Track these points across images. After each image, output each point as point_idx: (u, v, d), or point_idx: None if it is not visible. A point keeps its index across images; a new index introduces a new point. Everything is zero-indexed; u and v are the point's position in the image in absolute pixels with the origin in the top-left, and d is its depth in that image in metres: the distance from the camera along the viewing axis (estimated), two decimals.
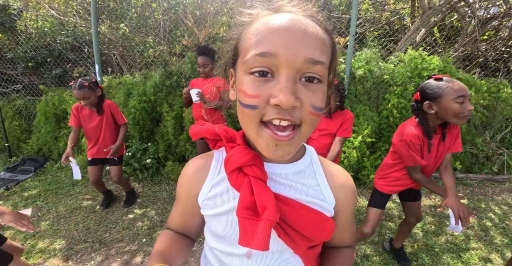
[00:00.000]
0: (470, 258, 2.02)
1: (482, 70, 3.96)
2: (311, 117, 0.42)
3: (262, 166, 0.51)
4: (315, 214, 0.53)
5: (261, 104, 0.41)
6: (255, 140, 0.45)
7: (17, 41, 3.96)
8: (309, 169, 0.57)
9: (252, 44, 0.42)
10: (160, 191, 2.90)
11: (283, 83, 0.39)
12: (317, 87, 0.42)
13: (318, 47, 0.41)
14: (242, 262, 0.56)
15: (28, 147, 3.81)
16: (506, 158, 3.31)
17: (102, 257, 1.97)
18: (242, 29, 0.47)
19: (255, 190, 0.48)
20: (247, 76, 0.43)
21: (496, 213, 2.62)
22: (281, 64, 0.40)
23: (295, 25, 0.40)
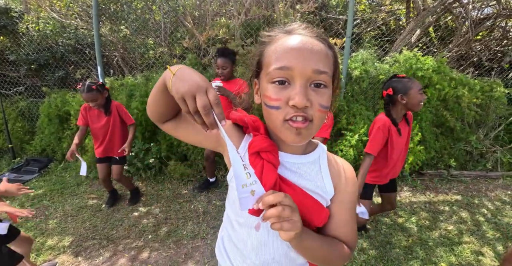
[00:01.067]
0: (462, 251, 2.11)
1: (476, 70, 4.05)
2: (319, 113, 0.55)
3: (276, 153, 0.62)
4: (311, 200, 0.62)
5: (282, 105, 0.54)
6: (280, 132, 0.57)
7: (19, 43, 4.01)
8: (316, 162, 0.67)
9: (272, 60, 0.56)
10: (163, 189, 2.97)
11: (297, 89, 0.53)
12: (323, 91, 0.55)
13: (322, 60, 0.54)
14: (250, 233, 0.67)
15: (31, 148, 3.88)
16: (500, 155, 3.40)
17: (110, 253, 2.05)
18: (263, 47, 0.60)
19: (264, 171, 0.58)
20: (269, 85, 0.56)
21: (489, 208, 2.71)
22: (295, 75, 0.53)
23: (304, 45, 0.54)
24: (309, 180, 0.64)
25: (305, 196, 0.61)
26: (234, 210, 0.71)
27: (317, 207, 0.62)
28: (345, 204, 0.67)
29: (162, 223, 2.40)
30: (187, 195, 2.87)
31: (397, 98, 1.68)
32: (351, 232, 0.68)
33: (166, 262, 1.97)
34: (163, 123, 0.66)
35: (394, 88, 1.70)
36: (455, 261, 2.00)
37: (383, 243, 2.17)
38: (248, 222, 0.67)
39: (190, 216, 2.50)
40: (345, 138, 2.91)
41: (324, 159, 0.68)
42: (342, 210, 0.67)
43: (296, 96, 0.52)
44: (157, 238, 2.21)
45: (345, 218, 0.67)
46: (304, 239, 0.56)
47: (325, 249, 0.62)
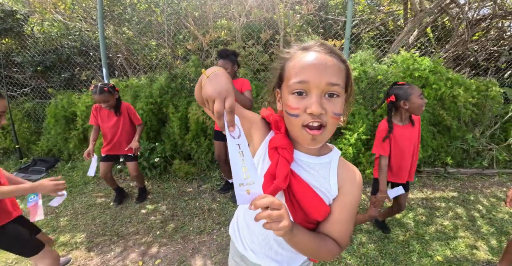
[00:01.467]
0: (457, 245, 2.20)
1: (472, 70, 4.14)
2: (332, 120, 0.65)
3: (291, 151, 0.72)
4: (315, 195, 0.70)
5: (301, 113, 0.64)
6: (298, 136, 0.68)
7: (25, 45, 4.09)
8: (327, 165, 0.76)
9: (292, 75, 0.66)
10: (169, 188, 3.07)
11: (313, 99, 0.62)
12: (336, 100, 0.64)
13: (335, 74, 0.63)
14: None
15: (38, 148, 3.96)
16: (496, 153, 3.50)
17: (121, 248, 2.14)
18: (284, 62, 0.71)
19: (279, 165, 0.68)
20: (290, 96, 0.66)
21: (484, 204, 2.81)
22: (311, 87, 0.63)
23: (319, 61, 0.63)
24: (316, 179, 0.73)
25: (309, 191, 0.70)
26: None
27: (319, 202, 0.70)
28: (345, 205, 0.74)
29: (169, 220, 2.49)
30: (192, 193, 2.96)
31: (399, 104, 1.81)
32: (345, 231, 0.74)
33: (174, 256, 2.07)
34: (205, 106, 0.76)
35: (396, 95, 1.82)
36: (450, 254, 2.10)
37: (381, 237, 2.27)
38: None
39: (195, 213, 2.59)
40: (345, 137, 3.00)
41: (335, 163, 0.76)
42: (341, 210, 0.73)
43: (312, 105, 0.62)
44: (165, 234, 2.30)
45: (342, 217, 0.73)
46: (295, 235, 0.63)
47: (314, 244, 0.68)
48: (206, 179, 3.26)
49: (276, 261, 0.84)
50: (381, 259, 2.04)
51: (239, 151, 0.56)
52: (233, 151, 0.56)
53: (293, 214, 0.72)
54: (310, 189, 0.70)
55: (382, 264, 1.99)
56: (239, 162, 0.56)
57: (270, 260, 0.84)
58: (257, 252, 0.85)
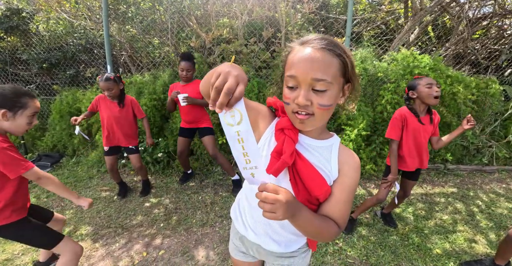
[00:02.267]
0: (456, 239, 2.24)
1: (472, 68, 4.17)
2: (319, 110, 0.70)
3: (296, 132, 0.78)
4: (317, 174, 0.75)
5: (291, 102, 0.71)
6: (291, 120, 0.76)
7: (31, 43, 4.16)
8: (329, 148, 0.82)
9: (287, 68, 0.72)
10: (172, 182, 3.12)
11: (302, 92, 0.68)
12: (323, 94, 0.69)
13: (322, 69, 0.66)
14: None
15: (43, 144, 4.02)
16: (496, 150, 3.53)
17: (125, 240, 2.19)
18: (287, 55, 0.75)
19: (285, 143, 0.74)
20: (285, 88, 0.73)
21: (483, 200, 2.84)
22: (300, 81, 0.69)
23: (307, 57, 0.67)
24: (319, 160, 0.79)
25: (313, 170, 0.75)
26: None
27: (321, 180, 0.75)
28: (345, 186, 0.78)
29: (173, 213, 2.54)
30: (194, 187, 3.01)
31: (410, 95, 1.95)
32: (344, 212, 0.79)
33: (178, 247, 2.11)
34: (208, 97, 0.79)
35: (408, 87, 1.97)
36: (449, 248, 2.13)
37: (381, 230, 2.31)
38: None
39: (198, 206, 2.64)
40: (345, 133, 3.03)
41: (336, 147, 0.82)
42: (341, 191, 0.78)
43: (299, 97, 0.68)
44: (169, 226, 2.35)
45: (342, 198, 0.78)
46: (297, 219, 0.67)
47: (317, 225, 0.72)
48: (208, 174, 3.30)
49: (275, 241, 0.88)
50: (381, 251, 2.08)
51: (238, 137, 0.57)
52: (231, 137, 0.58)
53: (296, 192, 0.76)
54: (313, 168, 0.75)
55: (382, 256, 2.03)
56: (238, 148, 0.59)
57: (269, 240, 0.88)
58: (257, 232, 0.89)
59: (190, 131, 2.83)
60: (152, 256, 2.03)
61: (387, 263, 1.97)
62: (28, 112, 1.39)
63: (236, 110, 0.56)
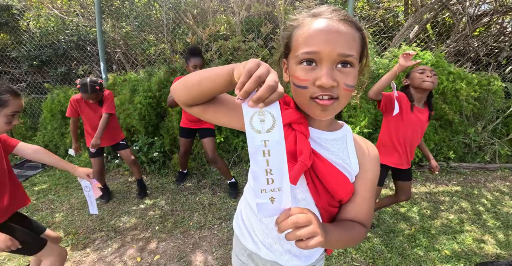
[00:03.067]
0: (464, 239, 2.16)
1: (473, 65, 4.12)
2: (345, 92, 0.58)
3: (306, 125, 0.66)
4: (339, 173, 0.65)
5: (310, 85, 0.57)
6: (307, 108, 0.61)
7: (21, 40, 4.01)
8: (343, 139, 0.71)
9: (300, 43, 0.58)
10: (168, 182, 3.00)
11: (324, 70, 0.55)
12: (349, 70, 0.57)
13: (349, 43, 0.56)
14: None
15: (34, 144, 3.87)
16: (498, 147, 3.47)
17: (118, 244, 2.07)
18: (291, 30, 0.63)
19: (298, 141, 0.62)
20: (298, 66, 0.59)
21: (488, 198, 2.77)
22: (322, 58, 0.56)
23: (330, 29, 0.56)
24: (335, 154, 0.68)
25: (333, 169, 0.64)
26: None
27: (344, 181, 0.65)
28: (368, 182, 0.70)
29: (169, 215, 2.42)
30: (191, 188, 2.89)
31: (403, 82, 1.89)
32: (370, 210, 0.71)
33: (174, 252, 2.00)
34: (190, 107, 0.66)
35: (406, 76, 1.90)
36: (458, 249, 2.05)
37: (387, 231, 2.22)
38: None
39: (195, 208, 2.53)
40: None
41: (351, 137, 0.72)
42: (365, 189, 0.70)
43: (323, 77, 0.55)
44: (164, 229, 2.23)
45: (366, 196, 0.70)
46: (329, 240, 0.57)
47: (346, 238, 0.64)
48: (206, 174, 3.19)
49: (295, 256, 0.77)
50: (387, 253, 1.99)
51: (264, 149, 0.45)
52: (254, 147, 0.45)
53: (316, 198, 0.66)
54: (332, 166, 0.65)
55: (389, 258, 1.94)
56: (262, 163, 0.46)
57: (288, 255, 0.76)
58: (273, 249, 0.77)
59: (193, 131, 2.69)
60: (146, 261, 1.92)
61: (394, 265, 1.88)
62: (7, 111, 1.24)
63: (268, 113, 0.44)
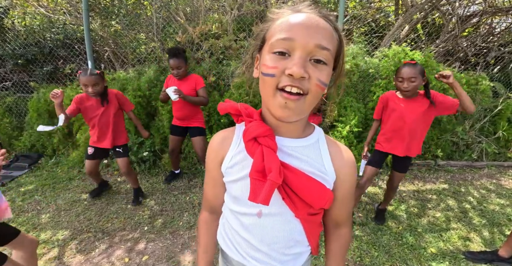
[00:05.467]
0: (450, 237, 2.19)
1: (462, 64, 4.18)
2: (316, 89, 0.54)
3: (273, 138, 0.61)
4: (314, 183, 0.61)
5: (278, 73, 0.53)
6: (270, 103, 0.56)
7: (5, 39, 3.91)
8: (315, 145, 0.66)
9: (277, 32, 0.55)
10: (158, 182, 2.97)
11: (296, 59, 0.51)
12: (323, 67, 0.54)
13: (327, 37, 0.54)
14: (254, 220, 0.68)
15: (20, 144, 3.79)
16: (485, 146, 3.53)
17: (106, 245, 2.04)
18: (270, 23, 0.60)
19: (265, 157, 0.58)
20: (270, 55, 0.55)
21: (475, 196, 2.82)
22: (297, 47, 0.52)
23: (310, 21, 0.53)
24: (308, 163, 0.64)
25: (307, 179, 0.61)
26: (236, 202, 0.71)
27: (320, 189, 0.62)
28: (346, 188, 0.69)
29: (158, 215, 2.40)
30: (182, 187, 2.88)
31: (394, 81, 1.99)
32: (349, 210, 0.73)
33: (163, 252, 1.99)
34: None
35: None
36: (444, 246, 2.09)
37: (374, 230, 2.24)
38: (250, 210, 0.68)
39: (185, 208, 2.51)
40: (337, 129, 2.97)
41: (324, 142, 0.68)
42: (344, 194, 0.69)
43: (294, 66, 0.50)
44: (153, 230, 2.21)
45: (345, 200, 0.70)
46: None
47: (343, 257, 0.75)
48: (197, 173, 3.17)
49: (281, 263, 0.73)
50: (374, 251, 2.01)
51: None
52: None
53: (295, 210, 0.65)
54: (307, 177, 0.61)
55: (376, 257, 1.96)
56: None
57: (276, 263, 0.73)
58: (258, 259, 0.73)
59: (182, 129, 2.66)
60: (134, 262, 1.90)
61: (381, 264, 1.90)
62: None
63: None
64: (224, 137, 0.71)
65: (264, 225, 0.68)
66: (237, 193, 0.68)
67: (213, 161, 0.72)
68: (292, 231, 0.68)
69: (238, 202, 0.70)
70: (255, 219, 0.68)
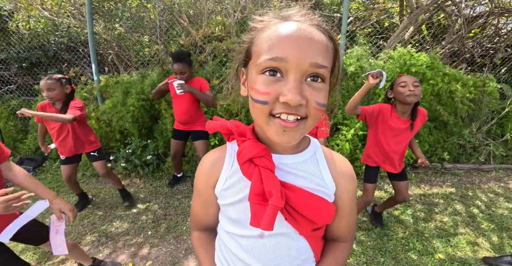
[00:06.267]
0: (458, 243, 2.15)
1: (468, 66, 4.12)
2: (315, 112, 0.49)
3: (270, 157, 0.57)
4: (317, 199, 0.59)
5: (271, 100, 0.48)
6: (265, 129, 0.51)
7: (9, 42, 3.94)
8: (313, 159, 0.63)
9: (264, 49, 0.48)
10: (161, 186, 2.96)
11: (291, 84, 0.46)
12: (321, 86, 0.49)
13: (322, 53, 0.48)
14: (255, 242, 0.63)
15: (25, 147, 3.81)
16: (492, 148, 3.47)
17: (109, 250, 2.03)
18: (254, 34, 0.53)
19: (264, 179, 0.54)
20: (259, 76, 0.49)
21: (483, 200, 2.77)
22: (290, 68, 0.46)
23: (302, 34, 0.47)
24: (308, 179, 0.61)
25: (308, 196, 0.58)
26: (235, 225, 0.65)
27: (323, 204, 0.60)
28: (347, 201, 0.66)
29: (161, 219, 2.39)
30: (185, 191, 2.86)
31: (388, 95, 1.87)
32: (352, 223, 0.69)
33: (166, 257, 1.97)
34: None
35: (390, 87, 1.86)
36: (452, 252, 2.05)
37: (380, 235, 2.21)
38: (250, 232, 0.63)
39: (189, 212, 2.48)
40: (341, 133, 2.93)
41: (321, 155, 0.65)
42: (343, 207, 0.66)
43: (289, 92, 0.45)
44: (157, 234, 2.20)
45: (346, 213, 0.67)
46: None
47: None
48: None
49: None
50: (381, 257, 1.98)
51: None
52: None
53: (298, 228, 0.61)
54: (307, 194, 0.58)
55: (382, 263, 1.93)
56: None
57: None
58: None
59: (184, 133, 2.63)
60: None
61: None
62: None
63: None
64: (215, 158, 0.67)
65: (267, 246, 0.63)
66: (235, 216, 0.64)
67: (204, 184, 0.68)
68: (299, 248, 0.64)
69: (236, 225, 0.65)
70: (256, 241, 0.63)
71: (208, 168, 0.67)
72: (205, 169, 0.67)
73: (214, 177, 0.65)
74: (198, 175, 0.69)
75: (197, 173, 0.70)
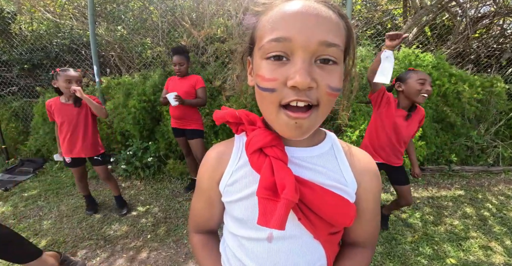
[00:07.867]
0: (470, 247, 2.06)
1: (474, 66, 4.06)
2: (328, 97, 0.44)
3: (282, 147, 0.52)
4: (336, 198, 0.52)
5: (279, 87, 0.43)
6: (274, 122, 0.47)
7: (12, 44, 3.95)
8: (330, 152, 0.57)
9: (267, 30, 0.44)
10: (162, 188, 2.90)
11: (298, 65, 0.41)
12: (333, 68, 0.44)
13: (332, 30, 0.43)
14: (263, 246, 0.56)
15: (26, 149, 3.78)
16: (501, 150, 3.39)
17: (107, 254, 1.97)
18: (257, 18, 0.49)
19: (276, 170, 0.48)
20: (263, 61, 0.45)
21: (493, 203, 2.68)
22: (296, 48, 0.42)
23: (308, 11, 0.42)
24: (326, 175, 0.54)
25: (326, 194, 0.51)
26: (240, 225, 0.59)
27: (343, 204, 0.52)
28: (370, 201, 0.59)
29: (162, 222, 2.32)
30: (186, 194, 2.80)
31: (396, 87, 1.73)
32: (375, 229, 0.62)
33: (166, 262, 1.90)
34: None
35: (397, 78, 1.75)
36: (464, 256, 1.96)
37: (388, 239, 2.12)
38: (257, 234, 0.57)
39: None
40: (346, 134, 2.87)
41: (339, 149, 0.58)
42: (367, 209, 0.59)
43: (296, 74, 0.40)
44: (157, 238, 2.13)
45: (369, 217, 0.60)
46: None
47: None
48: None
49: None
50: (389, 262, 1.89)
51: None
52: None
53: (313, 231, 0.54)
54: (325, 192, 0.51)
55: None
56: None
57: None
58: None
59: (180, 131, 2.57)
60: None
61: None
62: None
63: None
64: (221, 151, 0.61)
65: (276, 252, 0.55)
66: (241, 215, 0.57)
67: (209, 180, 0.61)
68: (313, 255, 0.56)
69: (242, 225, 0.58)
70: (265, 245, 0.56)
71: (213, 162, 0.61)
72: (209, 163, 0.61)
73: (219, 172, 0.59)
74: (201, 170, 0.63)
75: (200, 168, 0.64)
